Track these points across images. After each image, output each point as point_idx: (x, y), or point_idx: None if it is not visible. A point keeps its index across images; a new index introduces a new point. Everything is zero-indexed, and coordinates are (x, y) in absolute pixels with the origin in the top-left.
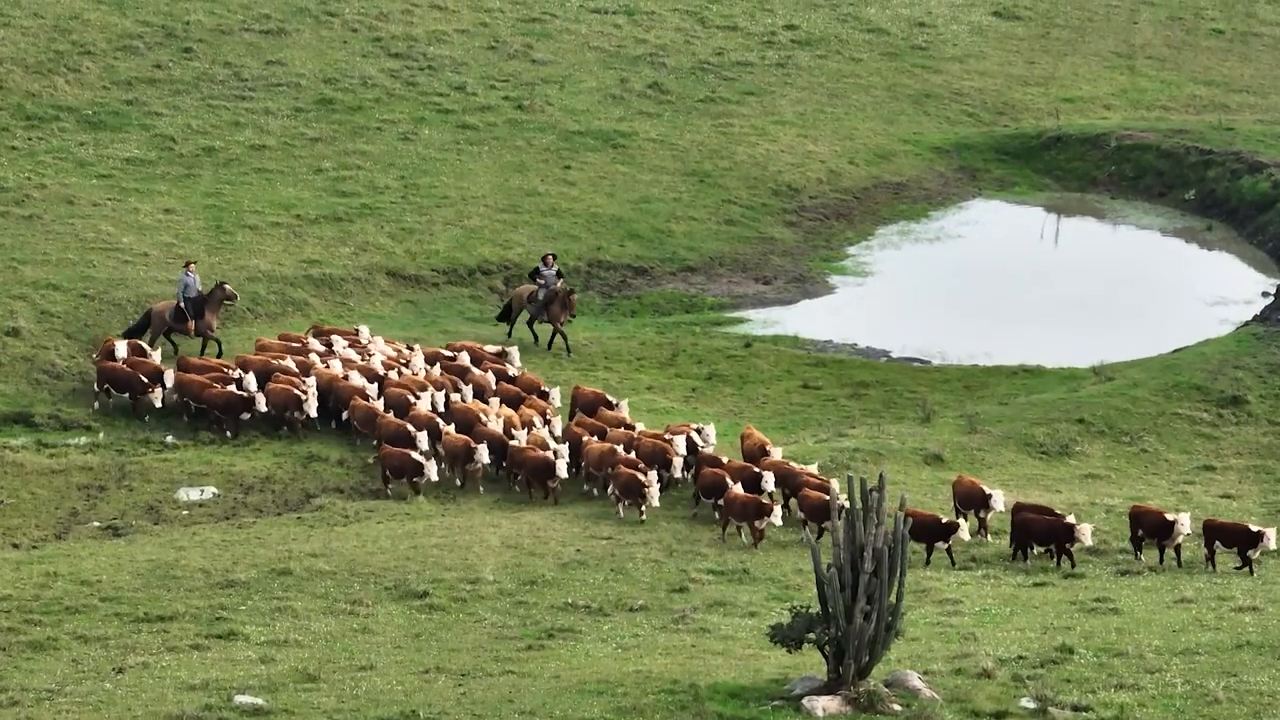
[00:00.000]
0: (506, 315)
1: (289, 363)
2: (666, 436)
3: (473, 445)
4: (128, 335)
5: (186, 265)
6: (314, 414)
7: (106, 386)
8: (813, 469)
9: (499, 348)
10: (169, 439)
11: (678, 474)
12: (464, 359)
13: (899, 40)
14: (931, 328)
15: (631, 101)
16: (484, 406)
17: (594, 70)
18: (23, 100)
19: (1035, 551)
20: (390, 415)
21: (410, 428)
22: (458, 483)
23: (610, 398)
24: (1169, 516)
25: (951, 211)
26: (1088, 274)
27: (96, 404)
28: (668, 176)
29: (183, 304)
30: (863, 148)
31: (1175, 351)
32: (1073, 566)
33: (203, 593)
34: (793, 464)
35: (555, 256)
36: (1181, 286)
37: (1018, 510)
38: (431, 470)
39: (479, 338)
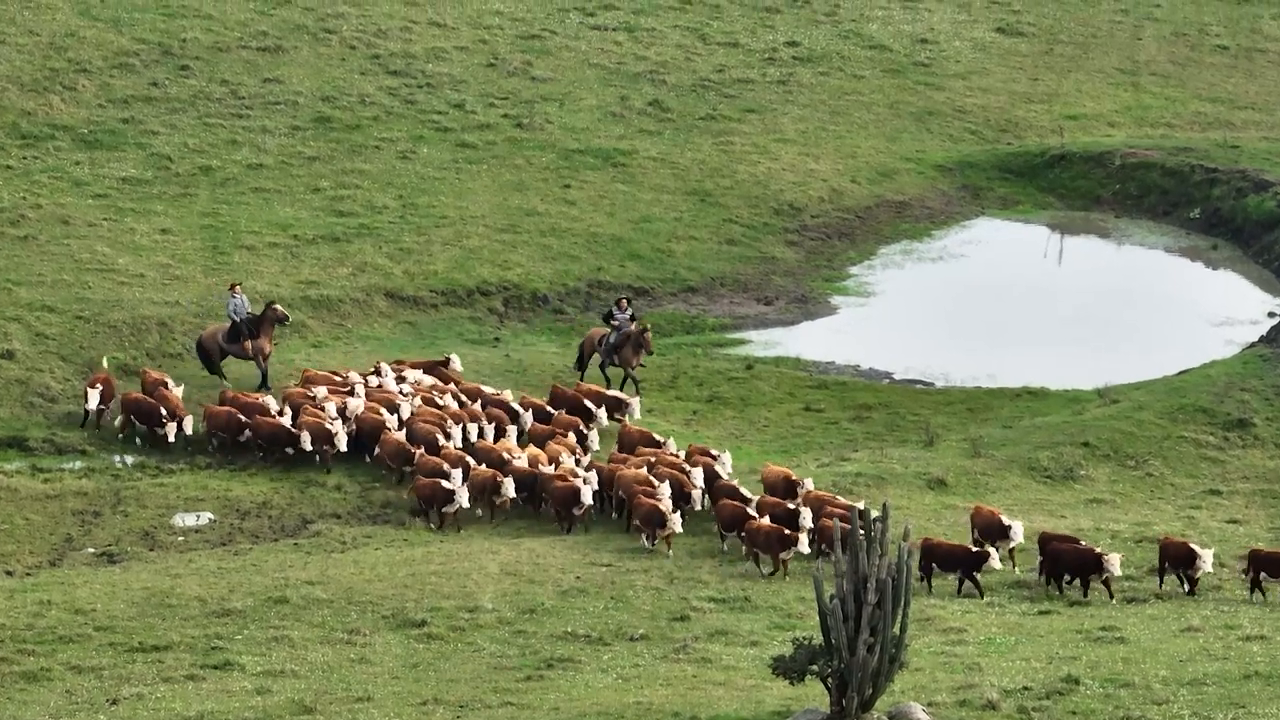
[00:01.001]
0: (581, 361)
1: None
2: (685, 468)
3: (500, 479)
4: (213, 371)
5: (232, 287)
6: (344, 448)
7: (130, 416)
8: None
9: (616, 394)
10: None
11: (697, 506)
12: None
13: (901, 57)
14: (934, 349)
15: (632, 119)
16: (509, 445)
17: (594, 87)
18: (18, 119)
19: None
20: (421, 451)
21: (445, 465)
22: (478, 512)
23: (657, 436)
24: (1194, 548)
25: (954, 230)
26: (1092, 294)
27: (121, 435)
28: (668, 195)
29: (237, 324)
30: (865, 166)
31: (1181, 373)
32: (1111, 597)
33: (198, 622)
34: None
35: (630, 300)
36: (1187, 306)
37: (1047, 541)
38: (463, 498)
39: (554, 376)
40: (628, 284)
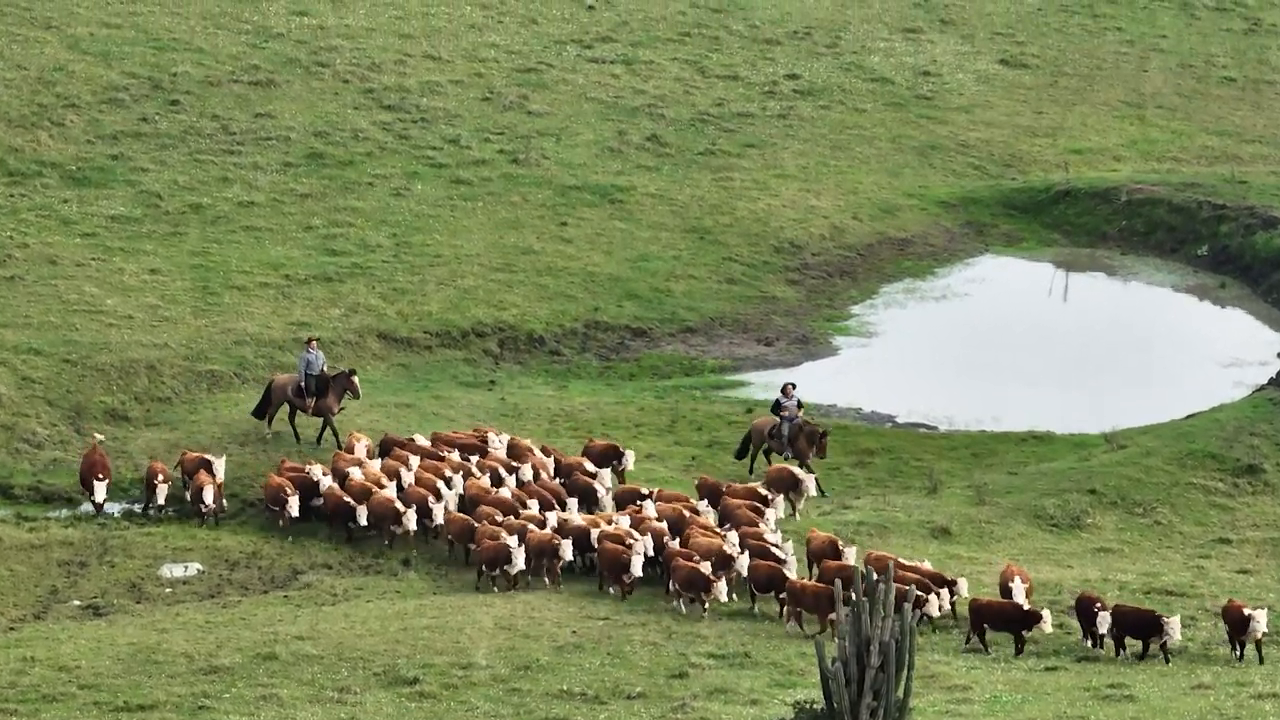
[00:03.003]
0: (745, 450)
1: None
2: (722, 534)
3: (557, 541)
4: (256, 414)
5: (308, 342)
6: (413, 527)
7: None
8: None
9: (752, 486)
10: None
11: (744, 573)
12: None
13: (903, 90)
14: (938, 391)
15: (630, 154)
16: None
17: (591, 122)
18: (5, 155)
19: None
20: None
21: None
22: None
23: (725, 484)
24: (1246, 612)
25: (958, 268)
26: (1098, 333)
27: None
28: (667, 233)
29: (304, 382)
30: (867, 202)
31: (1189, 417)
32: (1167, 661)
33: (185, 679)
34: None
35: (795, 385)
36: (1194, 346)
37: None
38: (519, 559)
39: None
40: (625, 324)
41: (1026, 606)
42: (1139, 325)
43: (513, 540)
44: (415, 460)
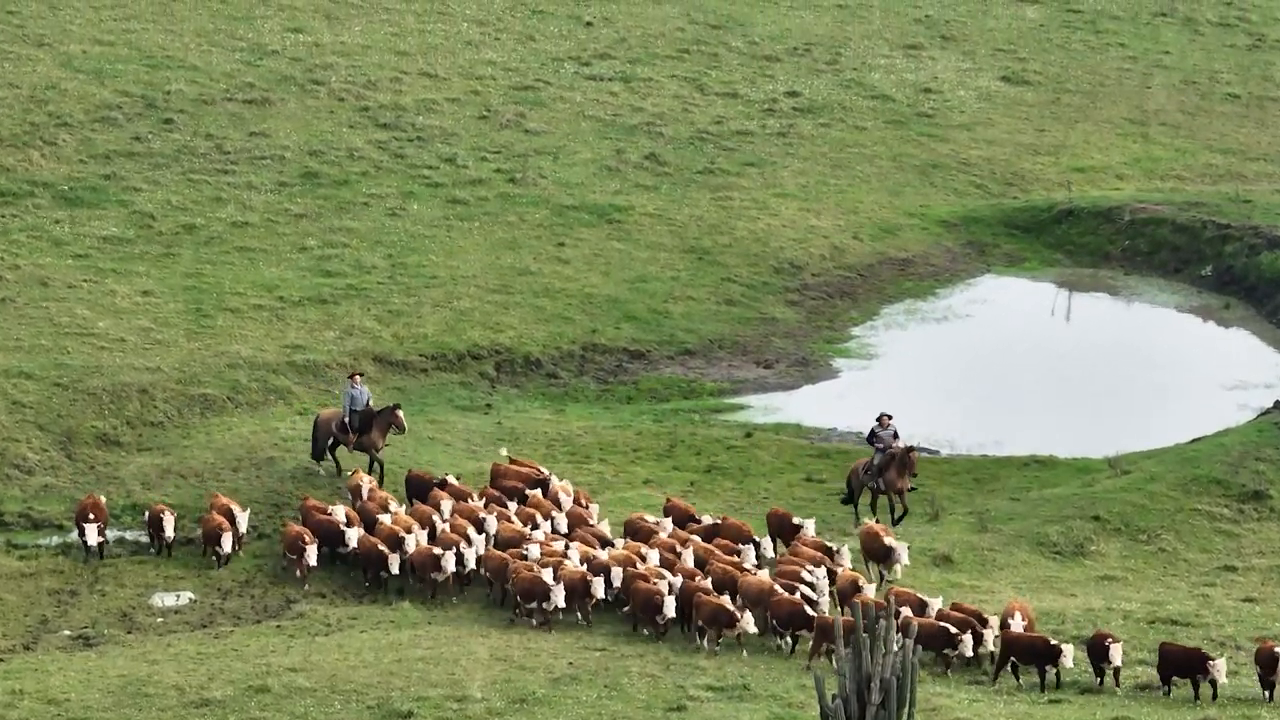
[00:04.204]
0: (851, 497)
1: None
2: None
3: (589, 579)
4: (314, 455)
5: (352, 376)
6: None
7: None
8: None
9: (834, 546)
10: None
11: (827, 613)
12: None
13: (904, 107)
14: (939, 414)
15: (628, 173)
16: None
17: (589, 140)
18: None
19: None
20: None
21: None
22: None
23: (796, 519)
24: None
25: (959, 289)
26: (1101, 355)
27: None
28: (665, 254)
29: (348, 417)
30: (867, 221)
31: (1193, 442)
32: (1214, 698)
33: (175, 712)
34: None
35: (891, 416)
36: (1198, 368)
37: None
38: (559, 596)
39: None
40: (623, 347)
41: (1053, 641)
42: (1142, 347)
43: (548, 574)
44: (448, 505)
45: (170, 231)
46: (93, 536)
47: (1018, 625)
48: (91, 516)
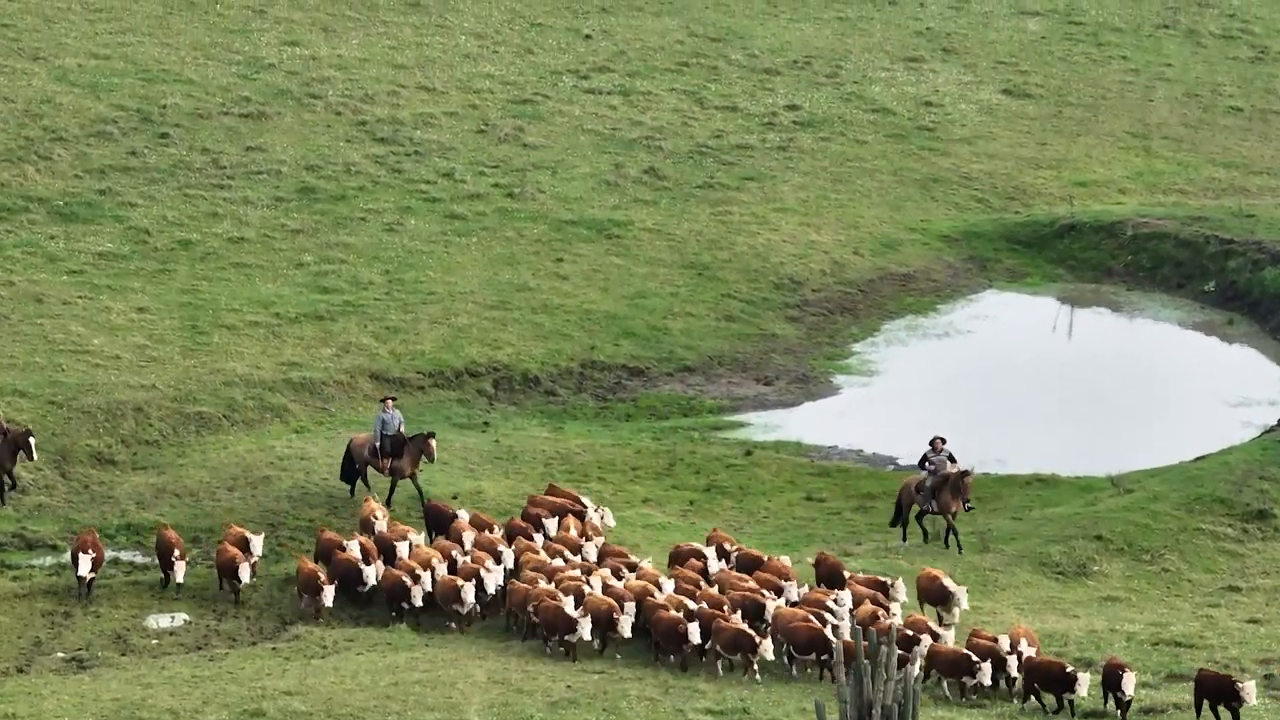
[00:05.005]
0: (899, 517)
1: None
2: (763, 592)
3: (616, 615)
4: (344, 479)
5: (384, 401)
6: (419, 603)
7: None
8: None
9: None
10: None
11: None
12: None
13: (905, 121)
14: (940, 431)
15: (627, 188)
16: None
17: (588, 154)
18: None
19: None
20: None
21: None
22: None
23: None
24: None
25: (961, 304)
26: (1103, 371)
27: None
28: (664, 269)
29: (379, 442)
30: (868, 236)
31: (1197, 460)
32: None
33: None
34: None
35: (945, 440)
36: (1202, 385)
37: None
38: (585, 629)
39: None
40: (622, 364)
41: (1069, 668)
42: (1145, 363)
43: (570, 603)
44: (469, 536)
45: (166, 247)
46: (85, 569)
47: (1027, 651)
48: (86, 551)
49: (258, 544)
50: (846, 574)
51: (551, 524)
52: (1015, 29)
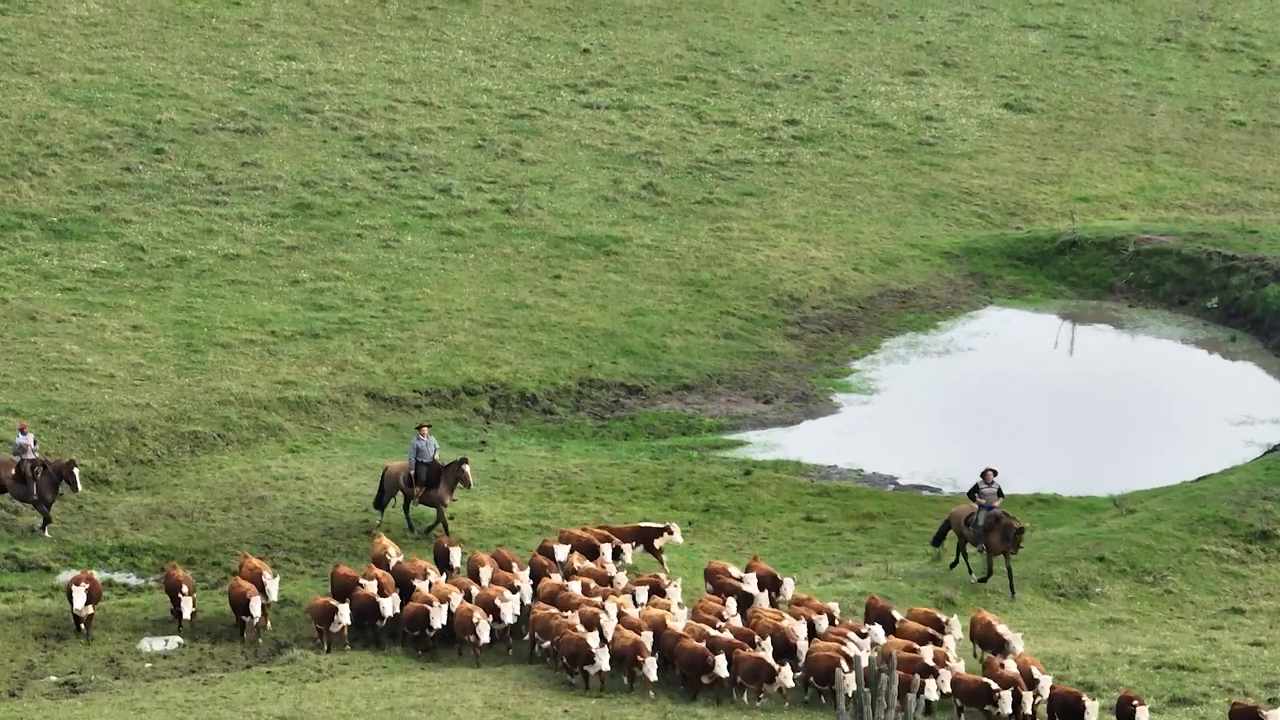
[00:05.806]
0: (940, 538)
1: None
2: (786, 622)
3: (642, 656)
4: (376, 505)
5: (420, 428)
6: (486, 638)
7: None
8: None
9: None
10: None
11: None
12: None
13: (905, 135)
14: (941, 451)
15: (625, 204)
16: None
17: (585, 170)
18: None
19: None
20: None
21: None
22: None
23: (896, 613)
24: None
25: (961, 321)
26: (1105, 389)
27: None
28: (663, 286)
29: (414, 469)
30: (868, 253)
31: (1200, 480)
32: None
33: None
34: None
35: (996, 472)
36: (1204, 403)
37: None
38: (603, 660)
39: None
40: (620, 382)
41: (1085, 697)
42: (1147, 380)
43: (594, 638)
44: (487, 572)
45: (161, 264)
46: (79, 601)
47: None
48: (80, 583)
49: (273, 588)
50: (896, 615)
51: (562, 551)
52: (1016, 43)
